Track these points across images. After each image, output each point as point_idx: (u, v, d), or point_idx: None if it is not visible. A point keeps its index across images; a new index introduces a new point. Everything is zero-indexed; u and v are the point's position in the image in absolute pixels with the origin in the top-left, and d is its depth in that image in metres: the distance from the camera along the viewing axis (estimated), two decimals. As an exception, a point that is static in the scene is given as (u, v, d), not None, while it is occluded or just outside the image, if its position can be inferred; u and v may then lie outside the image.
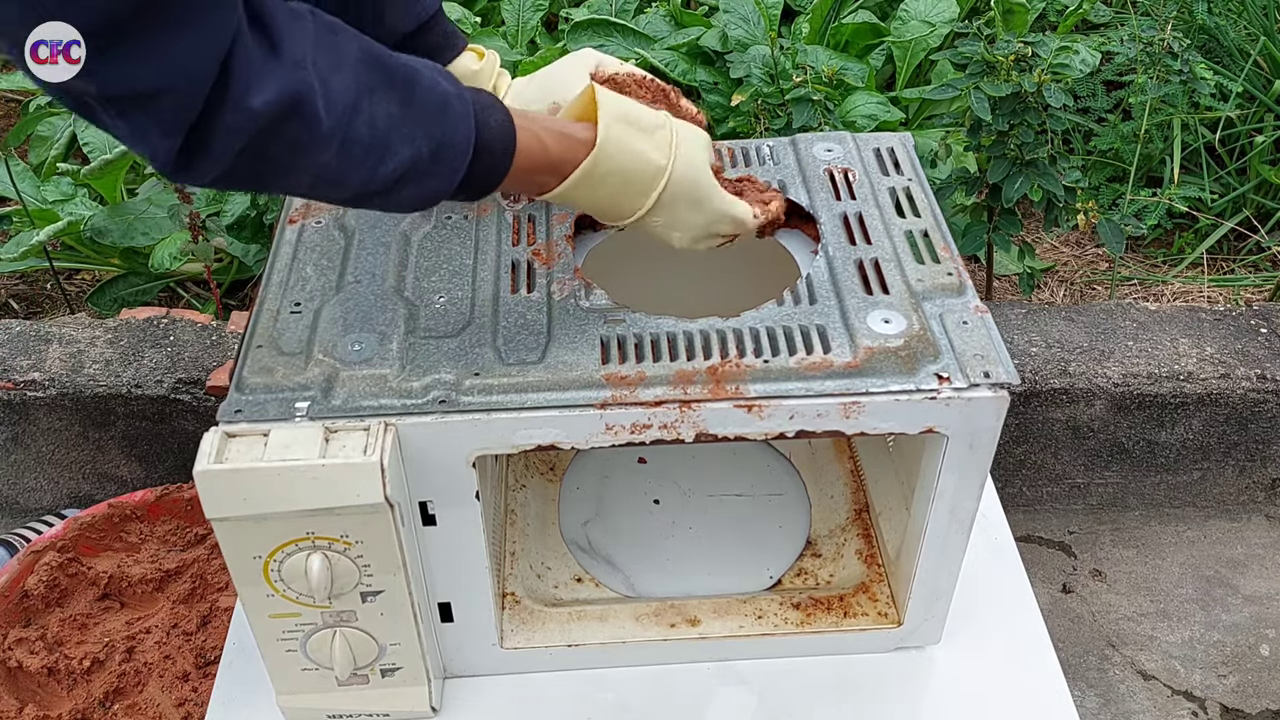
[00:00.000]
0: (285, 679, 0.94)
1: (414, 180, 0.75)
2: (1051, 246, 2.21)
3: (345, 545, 0.83)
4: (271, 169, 0.69)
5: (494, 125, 0.77)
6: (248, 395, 0.84)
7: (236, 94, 0.63)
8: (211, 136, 0.64)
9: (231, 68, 0.63)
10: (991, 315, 0.91)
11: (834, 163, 1.09)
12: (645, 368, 0.86)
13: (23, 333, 1.77)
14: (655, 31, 2.12)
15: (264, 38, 0.65)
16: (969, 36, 1.68)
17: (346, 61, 0.70)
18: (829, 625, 1.04)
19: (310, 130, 0.67)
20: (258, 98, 0.64)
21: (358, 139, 0.70)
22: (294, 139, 0.67)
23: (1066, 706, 1.02)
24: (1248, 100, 2.18)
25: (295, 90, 0.66)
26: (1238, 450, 1.82)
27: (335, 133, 0.69)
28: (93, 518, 1.55)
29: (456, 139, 0.75)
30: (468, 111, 0.76)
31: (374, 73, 0.72)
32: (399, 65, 0.74)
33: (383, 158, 0.72)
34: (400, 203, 0.77)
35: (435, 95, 0.75)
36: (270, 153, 0.67)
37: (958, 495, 0.92)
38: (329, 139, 0.69)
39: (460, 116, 0.75)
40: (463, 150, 0.76)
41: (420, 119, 0.73)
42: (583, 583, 1.11)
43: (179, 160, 0.65)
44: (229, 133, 0.64)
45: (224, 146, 0.65)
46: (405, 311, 0.91)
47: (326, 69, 0.68)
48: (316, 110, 0.67)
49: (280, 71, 0.65)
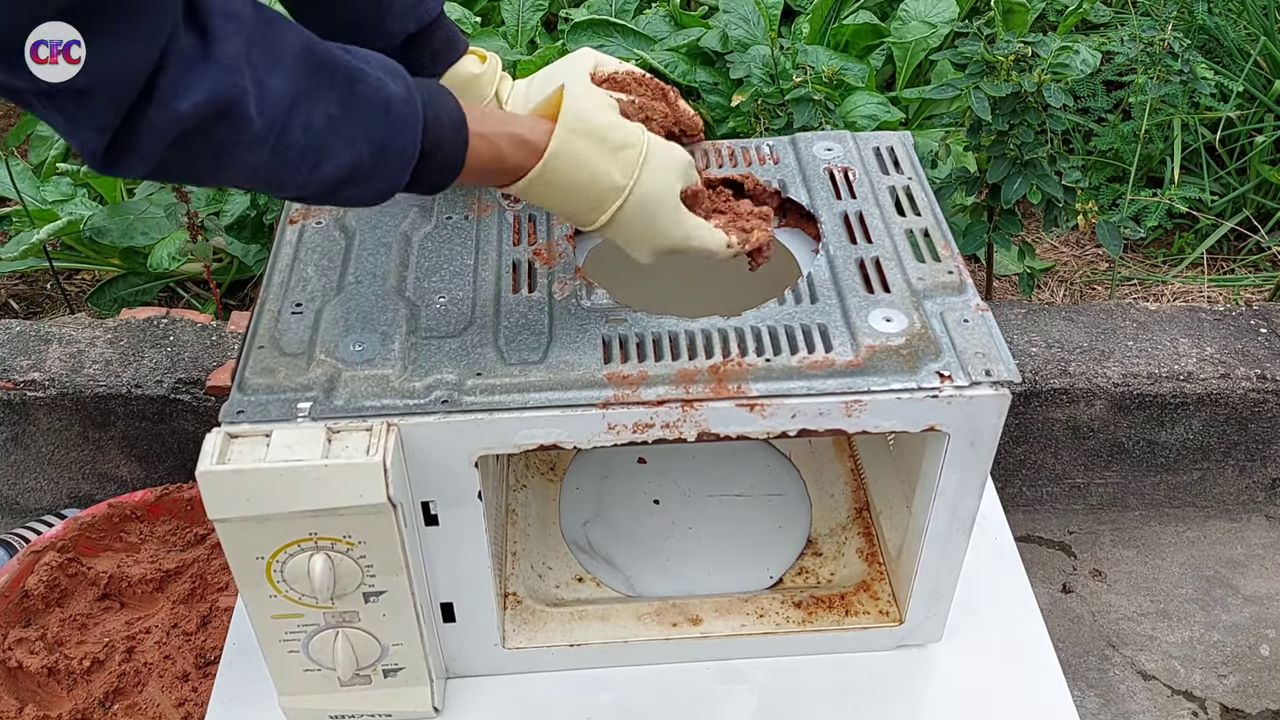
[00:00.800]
0: (287, 680, 0.94)
1: (356, 182, 0.74)
2: (1051, 246, 2.21)
3: (348, 546, 0.83)
4: (202, 166, 0.68)
5: (445, 127, 0.76)
6: (250, 396, 0.84)
7: (164, 95, 0.63)
8: (138, 135, 0.64)
9: (163, 67, 0.62)
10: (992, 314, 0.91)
11: (834, 162, 1.09)
12: (647, 367, 0.86)
13: (22, 333, 1.77)
14: (655, 32, 2.12)
15: (198, 37, 0.64)
16: (969, 36, 1.68)
17: (284, 60, 0.68)
18: (830, 624, 1.04)
19: (240, 133, 0.66)
20: (185, 100, 0.63)
21: (292, 142, 0.69)
22: (222, 141, 0.66)
23: (1066, 705, 1.02)
24: (1248, 100, 2.18)
25: (225, 93, 0.65)
26: (1238, 450, 1.82)
27: (267, 136, 0.68)
28: (93, 518, 1.55)
29: (401, 143, 0.74)
30: (414, 114, 0.74)
31: (314, 73, 0.70)
32: (342, 64, 0.72)
33: (319, 161, 0.71)
34: (347, 200, 0.76)
35: (379, 97, 0.73)
36: (199, 152, 0.66)
37: (959, 493, 0.92)
38: (261, 141, 0.68)
39: (404, 119, 0.74)
40: (408, 154, 0.74)
41: (361, 121, 0.72)
42: (584, 582, 1.11)
43: (108, 155, 0.65)
44: (155, 132, 0.64)
45: (150, 145, 0.64)
46: (407, 312, 0.91)
47: (263, 68, 0.67)
48: (248, 113, 0.66)
49: (211, 73, 0.64)
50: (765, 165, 1.09)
